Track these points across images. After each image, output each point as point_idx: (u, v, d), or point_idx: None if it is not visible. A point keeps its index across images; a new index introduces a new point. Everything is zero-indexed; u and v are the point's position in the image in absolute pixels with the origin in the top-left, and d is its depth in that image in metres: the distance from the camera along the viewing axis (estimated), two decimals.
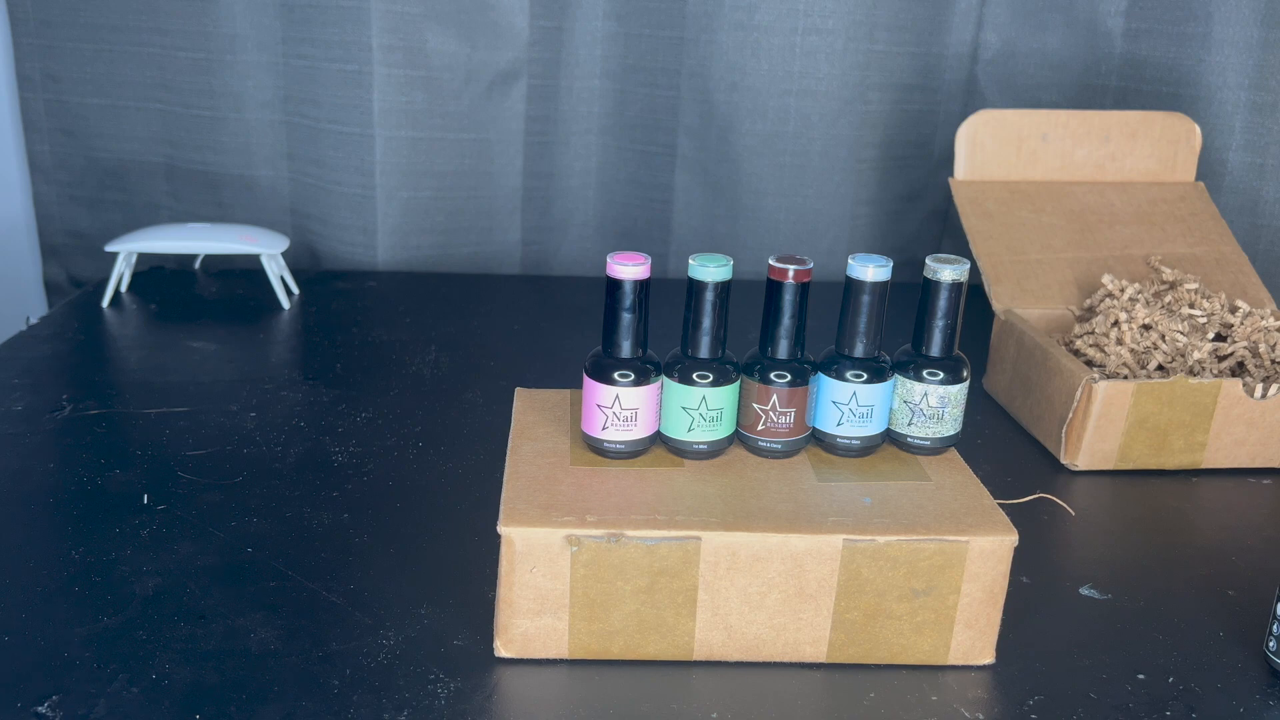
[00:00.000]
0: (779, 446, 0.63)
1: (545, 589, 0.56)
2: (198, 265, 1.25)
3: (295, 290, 1.17)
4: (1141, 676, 0.59)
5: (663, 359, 0.63)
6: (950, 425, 0.64)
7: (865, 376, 0.62)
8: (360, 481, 0.77)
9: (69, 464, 0.78)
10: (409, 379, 0.97)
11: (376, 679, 0.56)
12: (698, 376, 0.61)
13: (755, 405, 0.62)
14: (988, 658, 0.59)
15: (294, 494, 0.75)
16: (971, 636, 0.58)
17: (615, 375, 0.61)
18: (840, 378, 0.62)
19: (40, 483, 0.75)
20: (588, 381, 0.62)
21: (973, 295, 1.02)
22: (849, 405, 0.62)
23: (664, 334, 0.68)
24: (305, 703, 0.54)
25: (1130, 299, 0.92)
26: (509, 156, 1.28)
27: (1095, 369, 0.87)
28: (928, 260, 0.63)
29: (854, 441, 0.63)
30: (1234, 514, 0.79)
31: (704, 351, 0.62)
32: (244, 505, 0.73)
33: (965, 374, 0.64)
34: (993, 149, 1.07)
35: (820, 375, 0.63)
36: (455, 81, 1.22)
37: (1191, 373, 0.85)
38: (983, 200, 1.05)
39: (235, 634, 0.59)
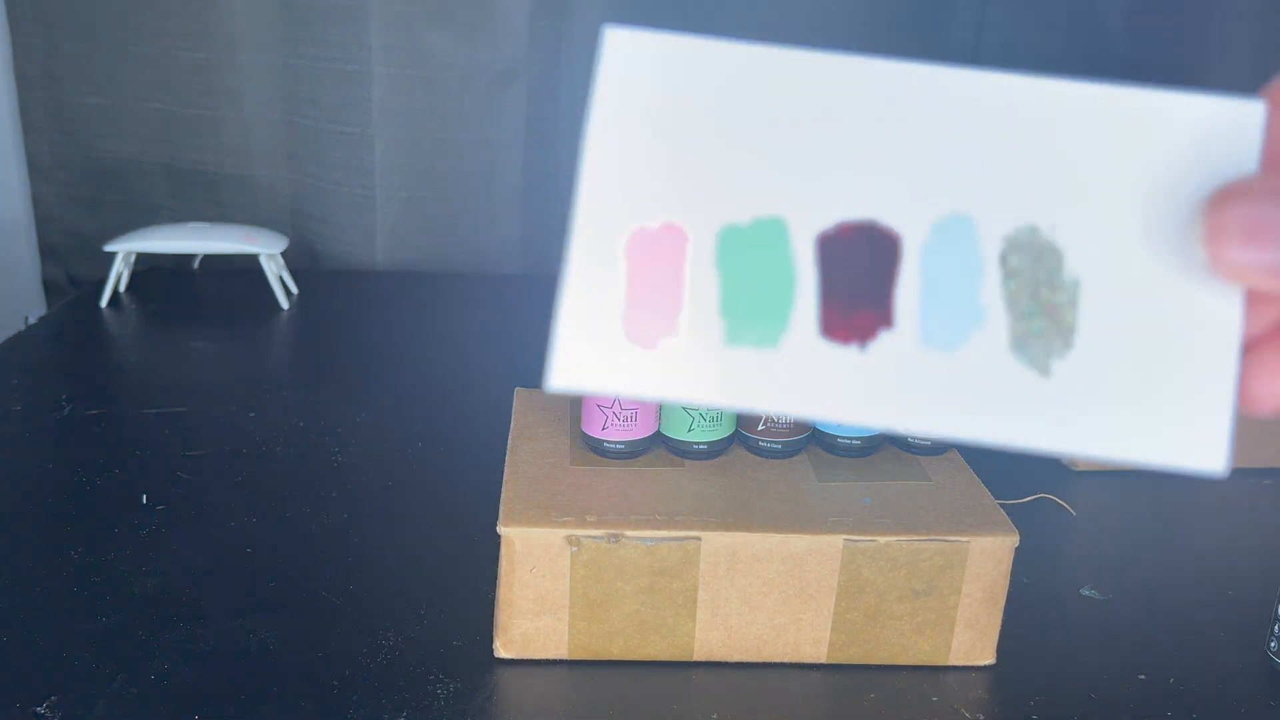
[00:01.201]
0: (779, 446, 0.63)
1: (545, 589, 0.56)
2: (197, 265, 1.24)
3: (295, 290, 1.17)
4: (1142, 677, 0.59)
5: None
6: None
7: None
8: (360, 481, 0.77)
9: (69, 464, 0.77)
10: (409, 379, 0.97)
11: (376, 679, 0.55)
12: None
13: None
14: (988, 658, 0.59)
15: (294, 494, 0.75)
16: (972, 637, 0.58)
17: None
18: None
19: (40, 483, 0.75)
20: None
21: None
22: None
23: None
24: (305, 703, 0.53)
25: None
26: (509, 156, 1.28)
27: None
28: None
29: (855, 441, 0.63)
30: (1235, 514, 0.79)
31: None
32: (244, 505, 0.73)
33: None
34: None
35: None
36: (455, 81, 1.22)
37: None
38: None
39: (235, 634, 0.59)
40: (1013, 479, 0.81)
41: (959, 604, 0.57)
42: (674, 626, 0.57)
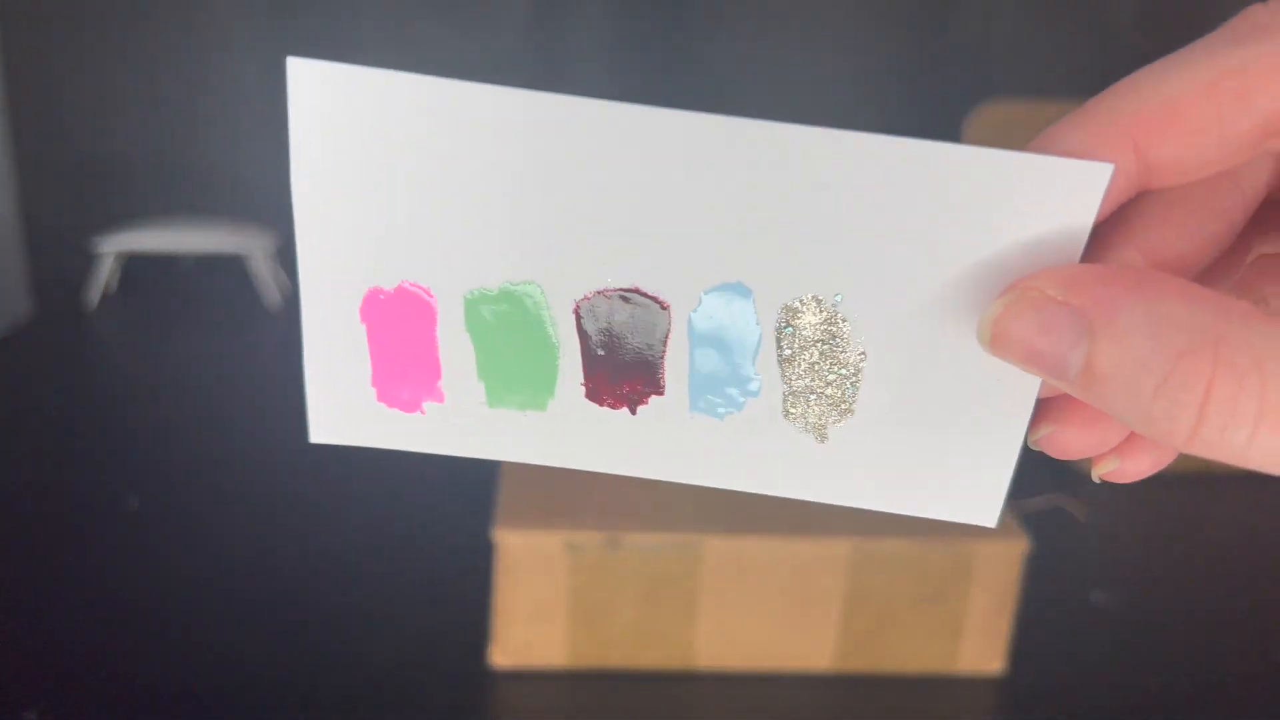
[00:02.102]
0: None
1: (542, 596, 0.54)
2: (188, 263, 1.23)
3: (289, 288, 1.16)
4: (1152, 685, 0.57)
5: None
6: None
7: None
8: (356, 484, 0.76)
9: (57, 467, 0.76)
10: None
11: (370, 687, 0.54)
12: None
13: None
14: (997, 666, 0.57)
15: (289, 497, 0.73)
16: (980, 644, 0.56)
17: None
18: None
19: (28, 486, 0.73)
20: None
21: None
22: None
23: None
24: (296, 714, 0.52)
25: None
26: None
27: None
28: None
29: None
30: (1249, 518, 0.77)
31: None
32: (237, 509, 0.71)
33: None
34: (1001, 140, 1.05)
35: None
36: (448, 72, 1.21)
37: None
38: None
39: (226, 642, 0.57)
40: (1021, 482, 0.80)
41: (967, 611, 0.56)
42: (675, 633, 0.55)
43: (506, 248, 0.18)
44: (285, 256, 1.28)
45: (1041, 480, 0.81)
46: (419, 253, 0.18)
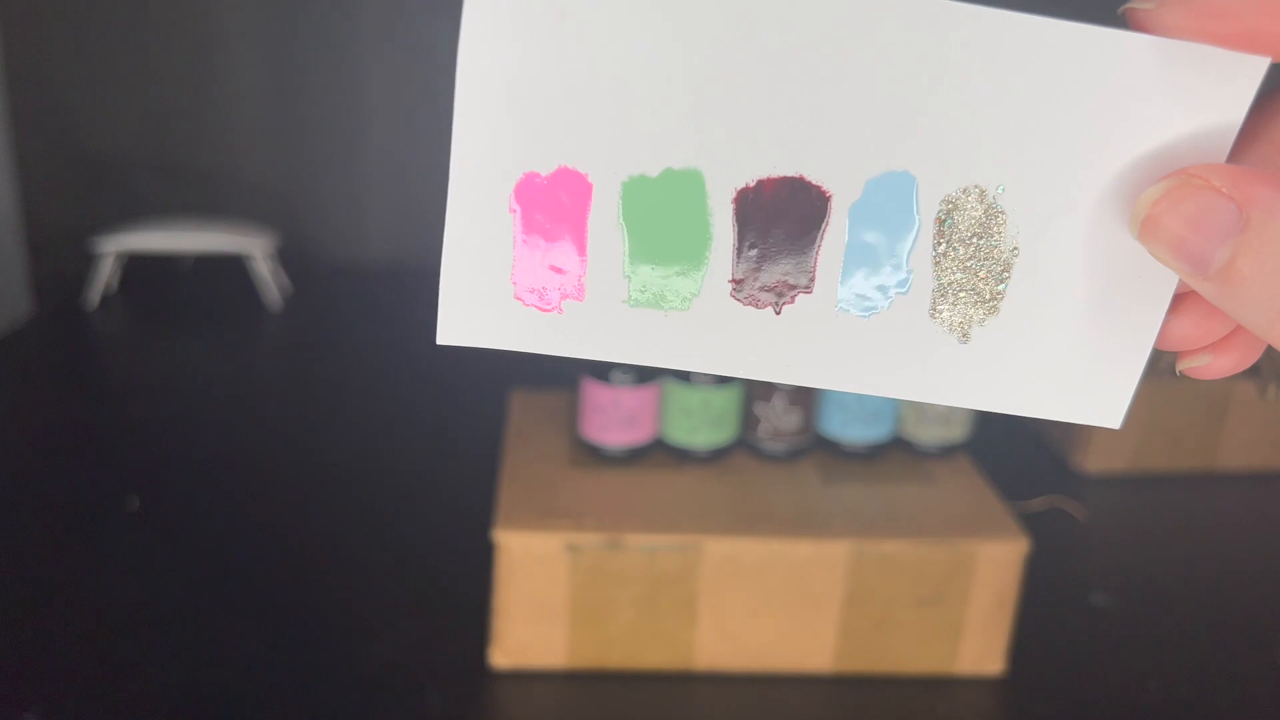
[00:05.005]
0: (783, 450, 0.61)
1: (542, 596, 0.54)
2: (188, 263, 1.23)
3: (289, 289, 1.16)
4: (1153, 686, 0.57)
5: None
6: (959, 428, 0.62)
7: None
8: (356, 484, 0.76)
9: (56, 467, 0.76)
10: (407, 379, 0.95)
11: (368, 688, 0.54)
12: (699, 378, 0.60)
13: (759, 407, 0.61)
14: (997, 667, 0.57)
15: (288, 497, 0.73)
16: (980, 645, 0.56)
17: (615, 376, 0.59)
18: None
19: (26, 486, 0.73)
20: (587, 383, 0.60)
21: None
22: (855, 408, 0.61)
23: None
24: (294, 714, 0.52)
25: None
26: None
27: None
28: None
29: (861, 445, 0.62)
30: (1248, 519, 0.77)
31: None
32: (236, 509, 0.71)
33: None
34: None
35: None
36: (451, 72, 1.21)
37: None
38: None
39: (224, 642, 0.57)
40: (1022, 483, 0.80)
41: (967, 611, 0.55)
42: (674, 634, 0.55)
43: (669, 133, 0.17)
44: (285, 256, 1.28)
45: (1041, 480, 0.81)
46: (579, 136, 0.18)
